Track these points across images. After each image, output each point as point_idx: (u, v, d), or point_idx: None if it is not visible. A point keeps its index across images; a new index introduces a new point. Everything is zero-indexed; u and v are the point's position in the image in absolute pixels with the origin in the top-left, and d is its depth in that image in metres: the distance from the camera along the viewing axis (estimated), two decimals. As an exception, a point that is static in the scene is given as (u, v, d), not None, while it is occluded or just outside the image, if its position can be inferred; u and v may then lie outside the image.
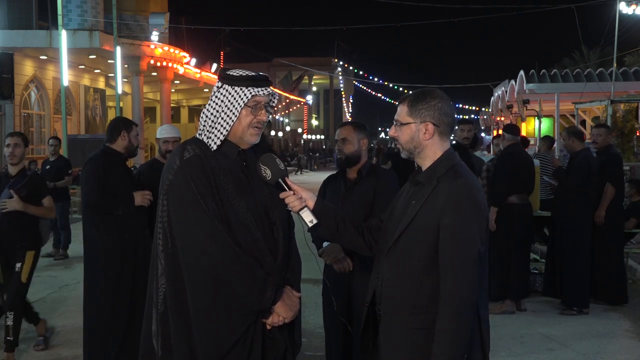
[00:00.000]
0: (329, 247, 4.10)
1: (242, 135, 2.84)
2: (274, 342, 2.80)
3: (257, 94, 2.81)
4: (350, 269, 4.04)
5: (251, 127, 2.84)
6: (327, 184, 4.41)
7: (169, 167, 2.81)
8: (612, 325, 6.71)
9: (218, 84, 2.87)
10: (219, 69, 2.97)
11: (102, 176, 4.90)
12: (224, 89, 2.84)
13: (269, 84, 2.88)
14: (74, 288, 8.30)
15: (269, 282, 2.71)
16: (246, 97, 2.80)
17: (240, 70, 2.89)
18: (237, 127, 2.83)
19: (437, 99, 2.66)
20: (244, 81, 2.82)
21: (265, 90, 2.84)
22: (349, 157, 4.16)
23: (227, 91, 2.82)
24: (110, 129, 5.12)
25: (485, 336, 2.64)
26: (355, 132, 4.16)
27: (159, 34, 25.10)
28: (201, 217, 2.68)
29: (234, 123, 2.81)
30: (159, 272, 2.79)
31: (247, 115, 2.82)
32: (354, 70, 58.09)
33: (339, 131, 4.25)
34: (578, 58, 33.80)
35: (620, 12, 17.19)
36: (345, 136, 4.16)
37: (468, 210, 2.52)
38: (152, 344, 2.82)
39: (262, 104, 2.84)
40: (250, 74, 2.85)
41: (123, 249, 4.87)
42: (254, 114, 2.83)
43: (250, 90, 2.80)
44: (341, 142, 4.17)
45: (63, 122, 18.06)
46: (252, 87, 2.81)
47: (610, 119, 13.75)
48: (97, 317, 4.89)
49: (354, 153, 4.15)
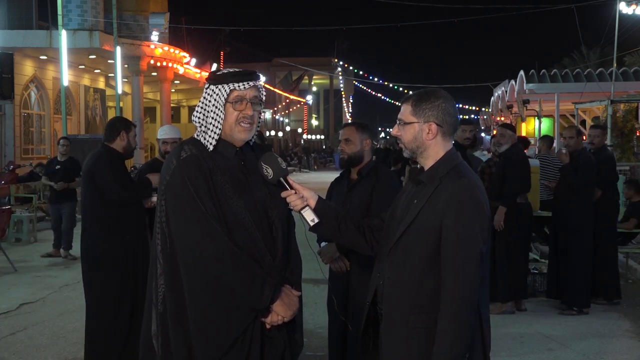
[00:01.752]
0: (325, 247, 4.15)
1: (231, 132, 2.84)
2: (272, 341, 2.80)
3: (235, 88, 2.81)
4: (347, 268, 4.07)
5: (238, 123, 2.83)
6: (334, 185, 4.46)
7: (166, 168, 2.81)
8: (612, 325, 6.71)
9: (205, 84, 2.90)
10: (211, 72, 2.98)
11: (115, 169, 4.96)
12: (210, 89, 2.86)
13: (253, 78, 2.86)
14: (74, 288, 8.29)
15: (267, 282, 2.71)
16: (225, 93, 2.81)
17: (229, 69, 2.90)
18: (225, 124, 2.84)
19: (441, 99, 2.66)
20: (225, 78, 2.83)
21: (246, 84, 2.83)
22: (351, 157, 4.19)
23: (212, 90, 2.85)
24: (109, 128, 5.11)
25: (486, 336, 2.63)
26: (357, 133, 4.19)
27: (159, 34, 25.10)
28: (198, 217, 2.68)
29: (223, 121, 2.83)
30: (158, 273, 2.79)
31: (232, 112, 2.83)
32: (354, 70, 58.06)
33: (342, 131, 4.29)
34: (578, 58, 33.81)
35: (620, 12, 17.20)
36: (348, 136, 4.19)
37: (470, 211, 2.52)
38: (152, 344, 2.82)
39: (246, 98, 2.83)
40: (233, 70, 2.87)
41: (125, 250, 4.87)
42: (238, 109, 2.82)
43: (230, 86, 2.82)
44: (344, 142, 4.21)
45: (63, 122, 18.06)
46: (232, 82, 2.82)
47: (610, 119, 13.75)
48: (99, 319, 4.86)
49: (356, 153, 4.17)
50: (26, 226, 12.23)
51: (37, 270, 9.67)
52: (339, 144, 4.30)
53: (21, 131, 21.91)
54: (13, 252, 10.59)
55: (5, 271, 9.39)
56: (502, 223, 6.89)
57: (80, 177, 10.66)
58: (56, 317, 7.04)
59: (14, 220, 11.69)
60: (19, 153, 21.48)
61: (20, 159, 20.76)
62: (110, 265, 4.84)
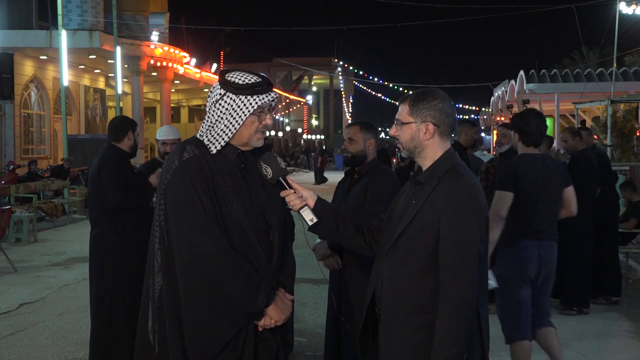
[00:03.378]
0: (318, 245, 4.19)
1: (249, 140, 2.84)
2: (266, 343, 2.80)
3: (263, 103, 2.80)
4: (339, 266, 4.10)
5: (257, 132, 2.84)
6: (339, 184, 4.48)
7: (167, 167, 2.80)
8: (612, 325, 6.71)
9: (220, 91, 2.80)
10: (219, 73, 2.92)
11: (122, 174, 4.90)
12: (228, 97, 2.78)
13: (271, 87, 2.85)
14: (74, 288, 8.30)
15: (262, 286, 2.71)
16: (252, 107, 2.78)
17: (240, 74, 2.83)
18: (243, 133, 2.81)
19: (438, 99, 2.66)
20: (248, 89, 2.78)
21: (270, 97, 2.82)
22: (354, 156, 4.22)
23: (232, 99, 2.78)
24: (116, 128, 5.04)
25: (485, 336, 2.63)
26: (361, 132, 4.21)
27: (159, 34, 25.14)
28: (197, 218, 2.68)
29: (237, 130, 2.80)
30: (156, 270, 2.80)
31: (253, 122, 2.80)
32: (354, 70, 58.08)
33: (346, 130, 4.32)
34: (578, 58, 33.83)
35: (620, 12, 17.18)
36: (352, 136, 4.23)
37: (468, 210, 2.52)
38: (148, 340, 2.83)
39: (266, 109, 2.83)
40: (253, 81, 2.80)
41: (138, 248, 4.84)
42: (259, 121, 2.82)
43: (255, 99, 2.77)
44: (348, 141, 4.24)
45: (63, 122, 18.06)
46: (257, 94, 2.78)
47: (610, 119, 13.73)
48: (108, 319, 4.81)
49: (359, 152, 4.20)
50: (26, 226, 12.23)
51: (37, 270, 9.66)
52: (343, 143, 4.32)
53: (21, 131, 21.94)
54: (13, 252, 10.60)
55: (5, 271, 9.39)
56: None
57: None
58: (56, 317, 7.04)
59: (14, 220, 11.69)
60: (19, 153, 21.51)
61: (20, 159, 20.78)
62: (125, 265, 4.79)
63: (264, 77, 2.85)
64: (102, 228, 4.90)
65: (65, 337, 6.32)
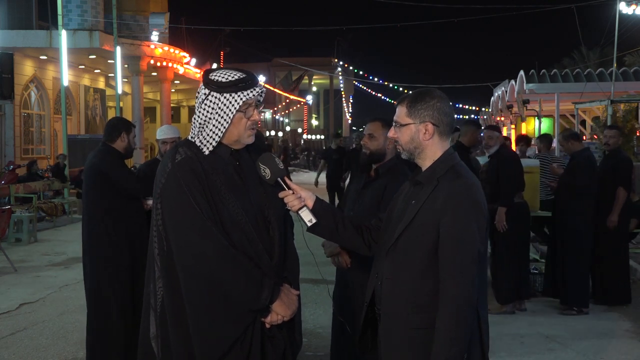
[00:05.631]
0: (328, 241, 4.11)
1: (239, 138, 2.83)
2: (273, 340, 2.80)
3: (248, 99, 2.78)
4: (347, 265, 3.99)
5: (247, 129, 2.82)
6: (352, 179, 4.36)
7: (161, 171, 2.80)
8: (612, 325, 6.70)
9: (205, 91, 2.80)
10: (203, 72, 2.89)
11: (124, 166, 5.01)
12: (212, 96, 2.77)
13: (255, 81, 2.83)
14: (74, 288, 8.30)
15: (265, 282, 2.70)
16: (237, 104, 2.77)
17: (223, 72, 2.81)
18: (232, 131, 2.80)
19: (436, 98, 2.65)
20: (232, 86, 2.76)
21: (255, 92, 2.80)
22: (373, 153, 4.07)
23: (217, 98, 2.77)
24: (110, 128, 5.10)
25: (484, 336, 2.63)
26: (383, 129, 4.04)
27: (159, 34, 25.14)
28: (194, 219, 2.67)
29: (226, 129, 2.79)
30: (156, 275, 2.79)
31: (241, 119, 2.79)
32: (354, 70, 58.04)
33: (367, 126, 4.15)
34: (578, 58, 33.81)
35: (620, 12, 17.19)
36: (373, 132, 4.08)
37: (468, 210, 2.52)
38: (150, 347, 2.82)
39: (253, 104, 2.82)
40: (236, 78, 2.78)
41: (131, 247, 4.88)
42: (247, 117, 2.81)
43: (240, 95, 2.76)
44: (367, 137, 4.08)
45: (63, 122, 18.06)
46: (241, 91, 2.76)
47: (610, 119, 13.74)
48: (104, 317, 4.83)
49: (378, 150, 4.06)
50: (26, 226, 12.22)
51: (37, 270, 9.66)
52: (362, 139, 4.17)
53: (21, 131, 21.94)
54: (13, 252, 10.59)
55: (5, 271, 9.39)
56: (504, 223, 6.89)
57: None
58: (56, 317, 7.04)
59: (14, 220, 11.68)
60: (19, 153, 21.51)
61: (20, 159, 20.78)
62: (120, 262, 4.84)
63: (247, 73, 2.83)
64: (93, 226, 4.93)
65: (65, 337, 6.32)
